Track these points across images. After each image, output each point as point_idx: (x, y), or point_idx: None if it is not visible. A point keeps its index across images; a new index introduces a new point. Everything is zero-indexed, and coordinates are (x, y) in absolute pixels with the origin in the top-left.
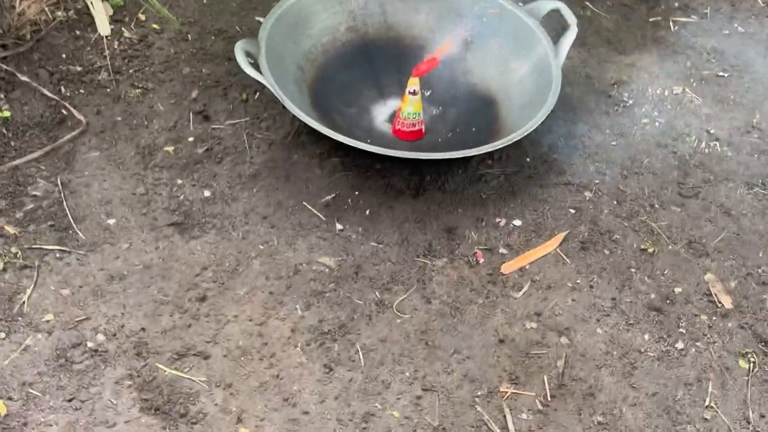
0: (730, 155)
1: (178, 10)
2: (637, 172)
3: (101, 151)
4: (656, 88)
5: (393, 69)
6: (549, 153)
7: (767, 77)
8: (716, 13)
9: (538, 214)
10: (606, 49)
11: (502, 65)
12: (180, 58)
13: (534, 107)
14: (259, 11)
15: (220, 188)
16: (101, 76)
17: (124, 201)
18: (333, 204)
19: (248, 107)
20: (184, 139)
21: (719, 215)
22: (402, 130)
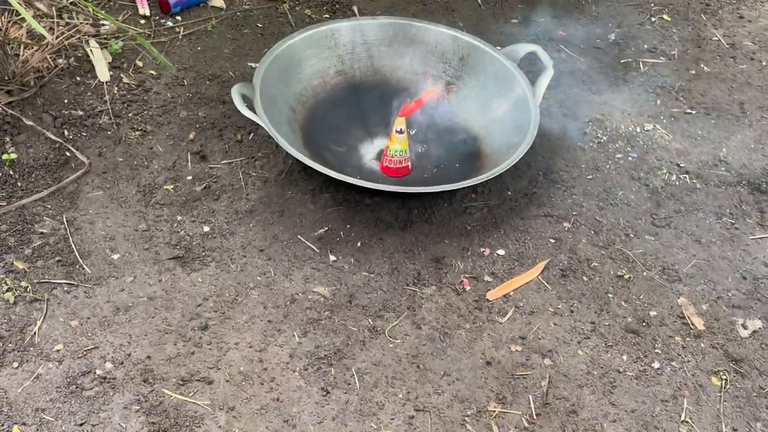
0: (699, 187)
1: (174, 57)
2: (612, 204)
3: (104, 191)
4: (628, 125)
5: (380, 109)
6: (529, 186)
7: (732, 114)
8: (684, 54)
9: (520, 244)
10: (580, 89)
11: (483, 105)
12: (177, 102)
13: (514, 144)
14: (251, 57)
15: (219, 224)
16: (102, 120)
17: (127, 237)
18: (326, 237)
19: (243, 147)
20: (182, 178)
21: (690, 243)
22: (390, 167)
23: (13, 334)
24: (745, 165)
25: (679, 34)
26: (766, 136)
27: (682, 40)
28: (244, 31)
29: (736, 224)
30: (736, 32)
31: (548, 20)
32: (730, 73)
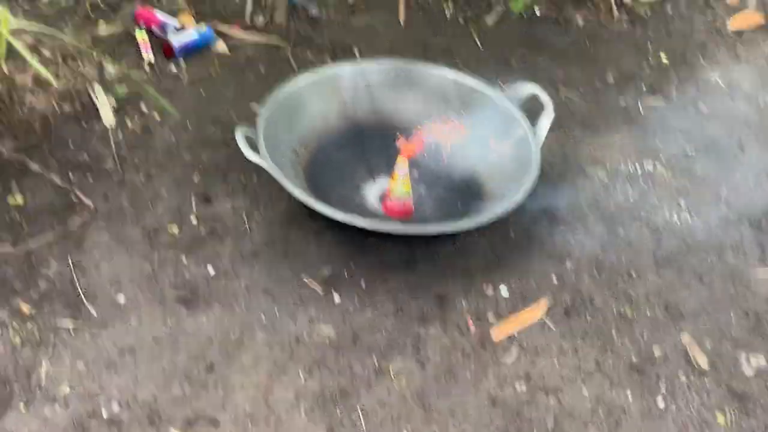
0: (700, 226)
1: (178, 102)
2: (614, 243)
3: (110, 234)
4: (629, 165)
5: (382, 151)
6: (531, 226)
7: (731, 153)
8: (682, 95)
9: (524, 283)
10: (581, 130)
11: (484, 146)
12: (181, 145)
13: (516, 185)
14: (254, 101)
15: (223, 265)
16: (107, 164)
17: (132, 279)
18: (330, 277)
19: (247, 189)
20: (187, 221)
21: (692, 281)
22: (393, 208)
23: (20, 376)
24: (745, 203)
25: (677, 76)
26: (765, 174)
27: (681, 81)
28: (246, 76)
29: (738, 261)
30: (734, 73)
31: (547, 62)
32: (728, 113)
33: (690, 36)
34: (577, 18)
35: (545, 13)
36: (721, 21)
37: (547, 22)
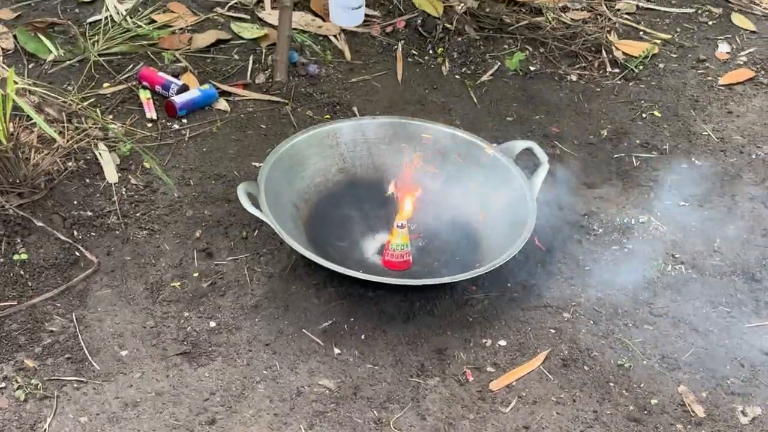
0: (694, 277)
1: (181, 158)
2: (610, 294)
3: (112, 289)
4: (623, 218)
5: (381, 205)
6: (528, 278)
7: (724, 205)
8: (675, 149)
9: (522, 334)
10: (576, 183)
11: (481, 199)
12: (183, 201)
13: (512, 237)
14: (255, 157)
15: (225, 319)
16: (111, 220)
17: (135, 334)
18: (330, 330)
19: (248, 244)
20: (189, 275)
21: (688, 332)
22: (391, 261)
23: (24, 431)
24: (738, 255)
25: (670, 130)
26: (758, 226)
27: (673, 135)
28: (248, 132)
29: (732, 313)
30: (726, 127)
31: (542, 117)
32: (720, 167)
33: (682, 91)
34: (571, 74)
35: (540, 69)
36: (712, 76)
37: (542, 77)
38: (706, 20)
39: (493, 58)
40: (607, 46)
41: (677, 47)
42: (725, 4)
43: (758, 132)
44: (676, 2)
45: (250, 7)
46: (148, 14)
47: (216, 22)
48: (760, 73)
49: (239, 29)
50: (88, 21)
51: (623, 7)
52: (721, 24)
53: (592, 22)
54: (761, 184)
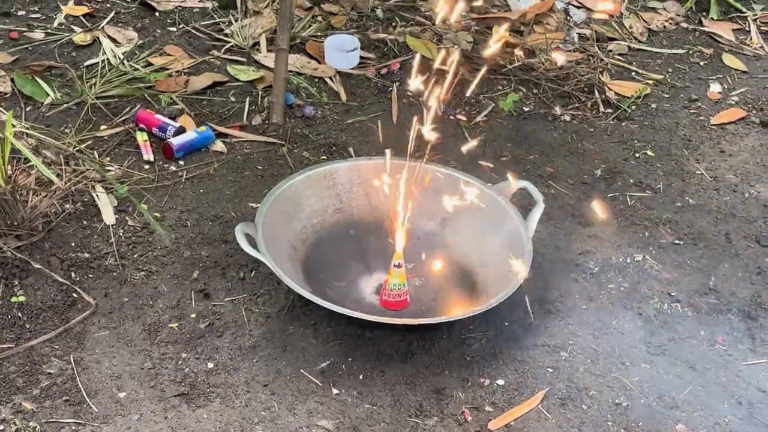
0: (690, 315)
1: (178, 200)
2: (607, 333)
3: (110, 330)
4: (619, 257)
5: (378, 245)
6: (525, 317)
7: (718, 244)
8: (668, 188)
9: (519, 373)
10: (571, 222)
11: (477, 239)
12: (181, 242)
13: (509, 276)
14: (252, 198)
15: (223, 360)
16: (108, 262)
17: (133, 375)
18: (328, 370)
19: (245, 284)
20: (187, 316)
21: (685, 370)
22: (389, 301)
23: None
24: (734, 293)
25: (663, 169)
26: (752, 264)
27: (667, 174)
28: (244, 174)
29: (729, 350)
30: (718, 166)
31: (536, 157)
32: (714, 205)
33: (675, 130)
34: (565, 114)
35: (533, 109)
36: (704, 115)
37: (536, 118)
38: (698, 61)
39: (487, 99)
40: (599, 86)
41: (669, 87)
42: (716, 44)
43: (751, 171)
44: (668, 43)
45: (246, 50)
46: (144, 57)
47: (212, 64)
48: (751, 112)
49: (235, 72)
50: (86, 64)
51: (615, 48)
52: (713, 64)
53: (584, 63)
54: (754, 222)
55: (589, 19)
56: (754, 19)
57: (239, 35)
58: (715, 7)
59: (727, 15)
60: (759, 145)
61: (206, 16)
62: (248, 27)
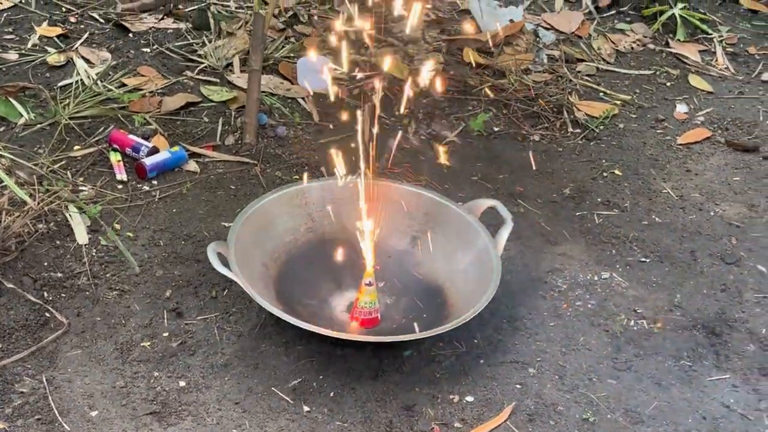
0: (656, 332)
1: (151, 219)
2: (574, 349)
3: (83, 350)
4: (587, 274)
5: (349, 263)
6: (494, 334)
7: (684, 262)
8: (635, 206)
9: (488, 390)
10: (539, 240)
11: (447, 257)
12: (153, 261)
13: (478, 294)
14: (224, 217)
15: (194, 378)
16: (81, 281)
17: (105, 394)
18: (299, 388)
19: (217, 303)
20: (159, 335)
21: (651, 386)
22: (360, 318)
23: None
24: (699, 310)
25: (631, 188)
26: (717, 282)
27: (634, 193)
28: (217, 193)
29: (694, 366)
30: (684, 185)
31: (506, 176)
32: (680, 224)
33: (642, 150)
34: (534, 134)
35: (503, 129)
36: (671, 135)
37: (506, 138)
38: (665, 81)
39: (457, 119)
40: (568, 106)
41: (637, 108)
42: (682, 65)
43: (716, 189)
44: (635, 64)
45: (219, 71)
46: (118, 78)
47: (186, 85)
48: (716, 132)
49: (209, 92)
50: (59, 85)
51: (583, 69)
52: (679, 85)
53: (553, 84)
54: (719, 240)
55: (558, 40)
56: (719, 40)
57: (212, 56)
58: (682, 28)
59: (693, 36)
60: (724, 164)
61: (180, 37)
62: (221, 48)
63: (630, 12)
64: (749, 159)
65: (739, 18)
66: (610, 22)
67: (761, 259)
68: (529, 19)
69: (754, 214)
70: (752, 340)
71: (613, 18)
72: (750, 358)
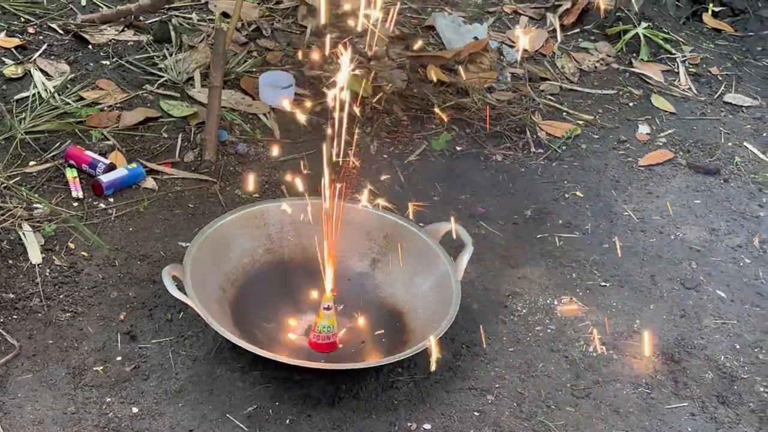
0: (615, 358)
1: (106, 238)
2: (533, 376)
3: (34, 374)
4: (546, 298)
5: (308, 286)
6: (453, 360)
7: (644, 286)
8: (596, 229)
9: (446, 417)
10: (500, 263)
11: (407, 281)
12: (108, 282)
13: (438, 319)
14: (182, 237)
15: (148, 404)
16: (33, 302)
17: (55, 420)
18: (255, 415)
19: (173, 326)
20: (112, 359)
21: (609, 413)
22: (318, 343)
23: None
24: (658, 335)
25: (592, 210)
26: (676, 307)
27: (595, 215)
28: (175, 212)
29: (652, 394)
30: (646, 207)
31: (468, 197)
32: (641, 247)
33: (603, 171)
34: (496, 154)
35: (466, 149)
36: (633, 156)
37: (468, 158)
38: (627, 101)
39: (420, 137)
40: (531, 126)
41: (599, 128)
42: (645, 85)
43: (677, 212)
44: (598, 84)
45: (179, 85)
46: (76, 91)
47: (145, 99)
48: (678, 153)
49: (168, 107)
50: (16, 98)
51: (547, 89)
52: (642, 105)
53: (516, 103)
54: (679, 264)
55: (522, 58)
56: (683, 60)
57: (173, 70)
58: (645, 48)
59: (656, 56)
60: (685, 186)
61: (140, 50)
62: (183, 61)
63: (594, 30)
64: (710, 181)
65: (703, 37)
66: (574, 41)
67: (720, 284)
68: (494, 36)
69: (714, 238)
70: (710, 367)
71: (577, 36)
72: (708, 385)
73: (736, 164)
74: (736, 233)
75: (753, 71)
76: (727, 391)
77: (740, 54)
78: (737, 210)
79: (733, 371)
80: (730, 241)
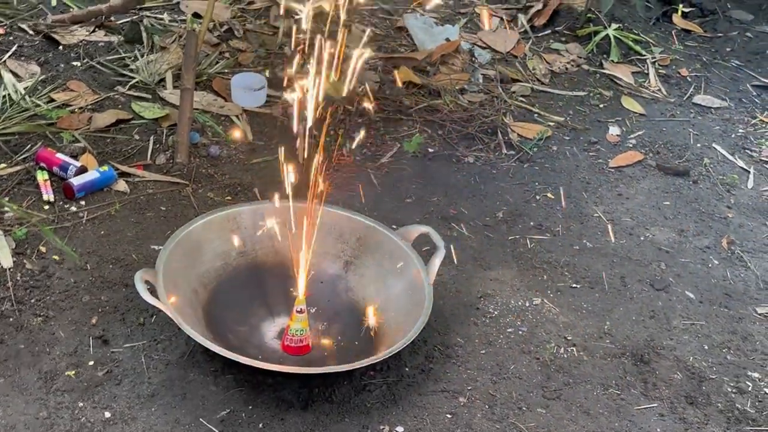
0: (585, 359)
1: (78, 241)
2: (505, 377)
3: (5, 378)
4: (518, 300)
5: (281, 289)
6: (426, 362)
7: (614, 287)
8: (567, 231)
9: (419, 420)
10: (472, 265)
11: (379, 283)
12: (80, 286)
13: (410, 321)
14: (154, 240)
15: (120, 409)
16: (4, 307)
17: (27, 425)
18: (228, 419)
19: (145, 330)
20: (84, 363)
21: (579, 415)
22: (290, 346)
23: None
24: (628, 337)
25: (563, 212)
26: (646, 308)
27: (566, 217)
28: (147, 215)
29: (622, 395)
30: (616, 209)
31: (440, 199)
32: (611, 248)
33: (574, 173)
34: (468, 156)
35: (438, 151)
36: (603, 158)
37: (440, 159)
38: (598, 103)
39: (392, 139)
40: (502, 128)
41: (570, 129)
42: (616, 87)
43: (647, 214)
44: (569, 85)
45: (151, 87)
46: (47, 93)
47: (116, 101)
48: (648, 155)
49: (140, 109)
50: None
51: (518, 90)
52: (612, 107)
53: (488, 105)
54: (649, 266)
55: (494, 60)
56: (653, 61)
57: (145, 71)
58: (616, 49)
59: (626, 57)
60: (655, 188)
61: (111, 51)
62: (154, 63)
63: (565, 32)
64: (679, 183)
65: (672, 39)
66: (545, 42)
67: (689, 285)
68: (465, 38)
69: (683, 239)
70: (679, 368)
71: (548, 37)
72: (677, 386)
73: (705, 165)
74: (704, 234)
75: (722, 72)
76: (696, 391)
77: (709, 55)
78: (706, 211)
79: (702, 372)
80: (699, 242)
